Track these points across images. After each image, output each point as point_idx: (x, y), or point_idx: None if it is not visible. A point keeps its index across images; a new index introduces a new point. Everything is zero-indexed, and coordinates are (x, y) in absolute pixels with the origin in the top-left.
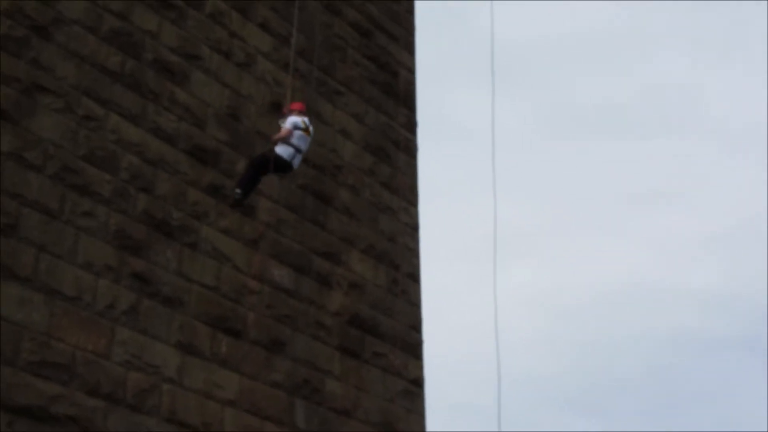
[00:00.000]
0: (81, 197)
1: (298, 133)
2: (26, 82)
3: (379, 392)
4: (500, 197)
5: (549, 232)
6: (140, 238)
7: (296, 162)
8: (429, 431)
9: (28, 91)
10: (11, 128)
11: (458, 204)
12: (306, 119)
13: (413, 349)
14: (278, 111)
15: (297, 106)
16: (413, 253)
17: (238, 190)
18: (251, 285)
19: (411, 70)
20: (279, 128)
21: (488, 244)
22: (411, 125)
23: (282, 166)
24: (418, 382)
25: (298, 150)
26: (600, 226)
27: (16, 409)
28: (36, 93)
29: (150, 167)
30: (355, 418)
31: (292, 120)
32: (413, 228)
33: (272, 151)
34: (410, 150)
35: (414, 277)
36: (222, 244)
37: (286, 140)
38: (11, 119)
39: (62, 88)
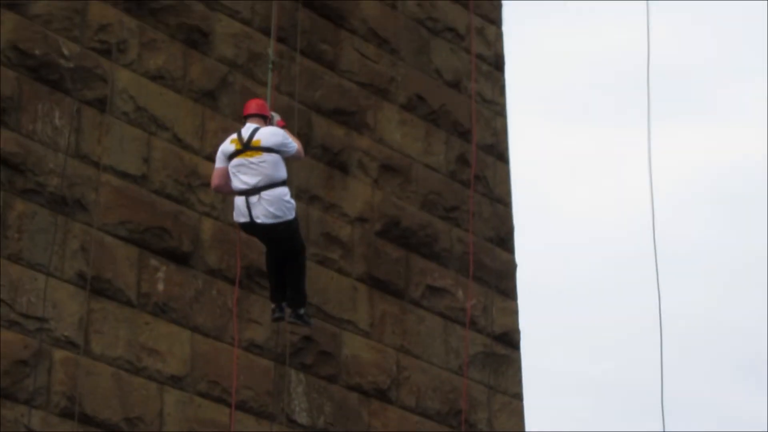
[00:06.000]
0: None
1: (231, 167)
2: None
3: None
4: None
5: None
6: None
7: (259, 212)
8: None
9: None
10: None
11: None
12: (245, 127)
13: None
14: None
15: (250, 107)
16: None
17: (272, 307)
18: None
19: None
20: None
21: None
22: None
23: (251, 231)
24: None
25: (243, 192)
26: None
27: None
28: None
29: None
30: None
31: (219, 149)
32: None
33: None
34: None
35: None
36: None
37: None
38: None
39: None
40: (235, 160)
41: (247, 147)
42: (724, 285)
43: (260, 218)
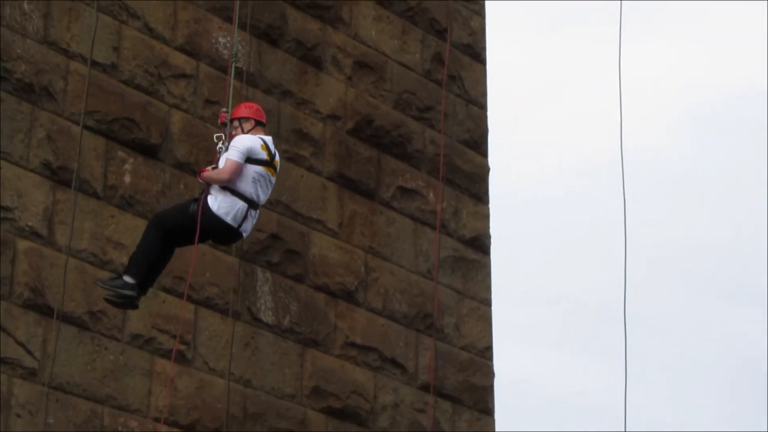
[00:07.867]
0: None
1: (254, 171)
2: None
3: None
4: None
5: None
6: None
7: (247, 227)
8: None
9: None
10: None
11: None
12: (268, 138)
13: None
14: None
15: (246, 109)
16: None
17: (128, 280)
18: None
19: None
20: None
21: None
22: None
23: (219, 231)
24: None
25: (251, 202)
26: None
27: None
28: None
29: None
30: None
31: (245, 143)
32: None
33: (202, 200)
34: None
35: None
36: None
37: (228, 185)
38: None
39: None
40: (261, 169)
41: (271, 163)
42: (690, 198)
43: (245, 232)
